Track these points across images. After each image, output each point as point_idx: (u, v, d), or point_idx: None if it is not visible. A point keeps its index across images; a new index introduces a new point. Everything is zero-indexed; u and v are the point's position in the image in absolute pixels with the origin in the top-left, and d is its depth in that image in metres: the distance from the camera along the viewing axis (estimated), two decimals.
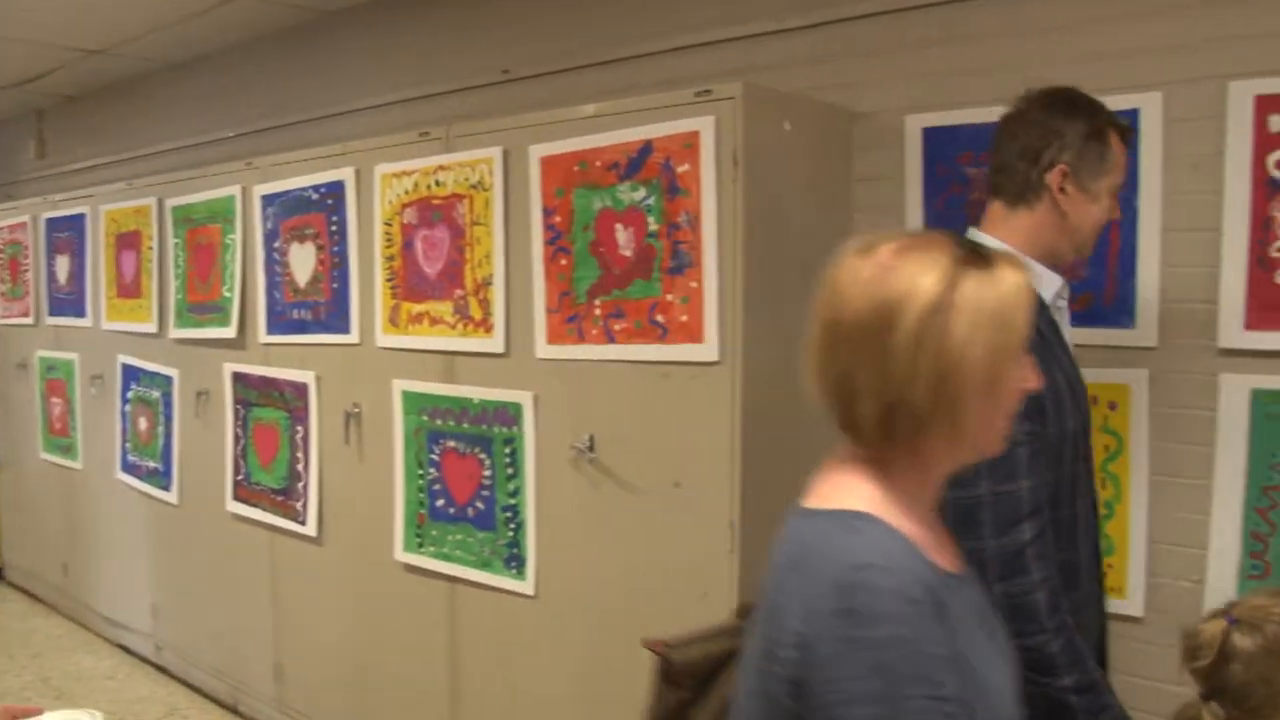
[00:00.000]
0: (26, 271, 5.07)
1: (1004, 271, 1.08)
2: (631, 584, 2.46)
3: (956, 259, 1.06)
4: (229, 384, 3.67)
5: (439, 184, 2.83)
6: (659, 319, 2.34)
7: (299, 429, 3.37)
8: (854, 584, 0.99)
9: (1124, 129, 1.76)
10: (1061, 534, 1.62)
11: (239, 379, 3.63)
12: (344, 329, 3.17)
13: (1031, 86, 1.77)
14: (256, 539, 3.61)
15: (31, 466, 5.16)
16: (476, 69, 3.51)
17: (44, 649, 4.65)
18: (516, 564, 2.70)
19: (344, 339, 3.18)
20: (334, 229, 3.18)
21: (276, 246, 3.42)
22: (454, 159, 2.79)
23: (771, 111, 2.34)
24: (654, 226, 2.34)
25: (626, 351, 2.41)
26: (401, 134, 3.04)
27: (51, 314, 4.88)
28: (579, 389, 2.53)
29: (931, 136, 2.48)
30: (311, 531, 3.35)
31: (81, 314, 4.59)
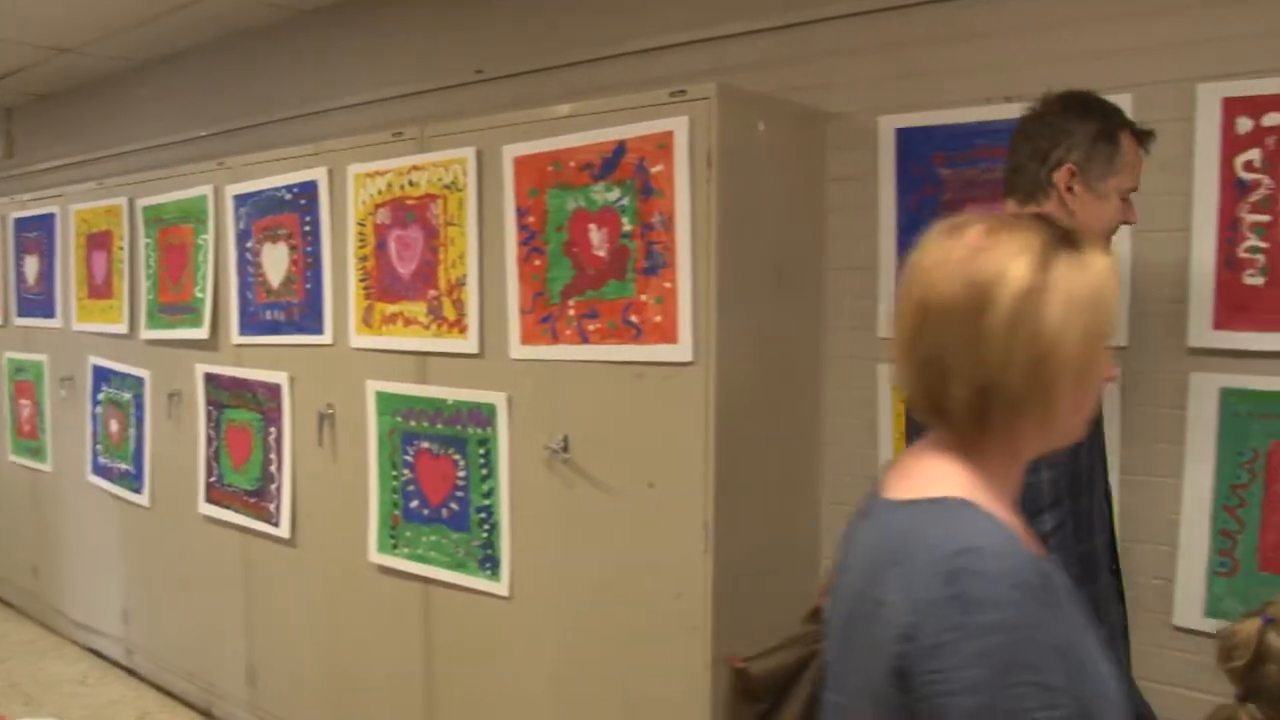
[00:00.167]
0: None
1: (1093, 254, 1.07)
2: (606, 584, 2.45)
3: (1047, 241, 1.05)
4: (201, 385, 3.64)
5: (412, 184, 2.82)
6: (633, 319, 2.34)
7: (272, 430, 3.35)
8: (959, 570, 0.97)
9: (1142, 133, 1.77)
10: (1080, 525, 1.64)
11: (211, 380, 3.60)
12: (317, 330, 3.16)
13: (1051, 90, 1.80)
14: (229, 541, 3.58)
15: None
16: (450, 69, 3.50)
17: (13, 654, 4.59)
18: (491, 565, 2.69)
19: (317, 340, 3.16)
20: (307, 229, 3.16)
21: (249, 247, 3.39)
22: (427, 159, 2.78)
23: (745, 112, 2.34)
24: (628, 227, 2.33)
25: (600, 352, 2.41)
26: (375, 134, 3.03)
27: (20, 315, 4.83)
28: (553, 390, 2.53)
29: (905, 137, 2.49)
30: (285, 533, 3.32)
31: (51, 315, 4.54)
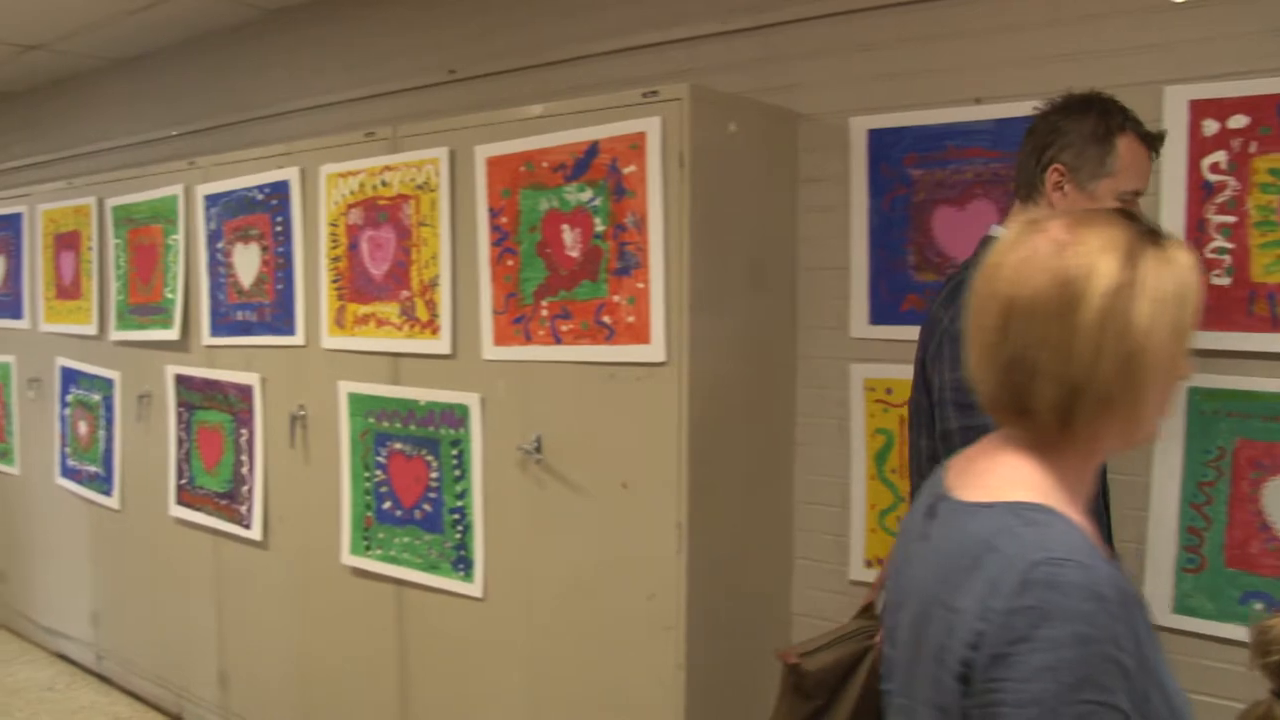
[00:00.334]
0: None
1: (1177, 250, 1.05)
2: (579, 585, 2.45)
3: (1133, 237, 1.03)
4: (172, 386, 3.61)
5: (385, 184, 2.81)
6: (606, 320, 2.34)
7: (243, 432, 3.33)
8: (1037, 580, 0.94)
9: (1149, 136, 1.74)
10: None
11: (182, 381, 3.57)
12: (289, 330, 3.14)
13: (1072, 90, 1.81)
14: (200, 544, 3.56)
15: None
16: (422, 69, 3.48)
17: None
18: (464, 566, 2.69)
19: (289, 341, 3.14)
20: (278, 230, 3.14)
21: (220, 247, 3.37)
22: (400, 159, 2.77)
23: (718, 113, 2.35)
24: (600, 227, 2.33)
25: (573, 353, 2.41)
26: (347, 134, 3.01)
27: None
28: (526, 390, 2.53)
29: (876, 138, 2.51)
30: (257, 536, 3.30)
31: (18, 316, 4.48)
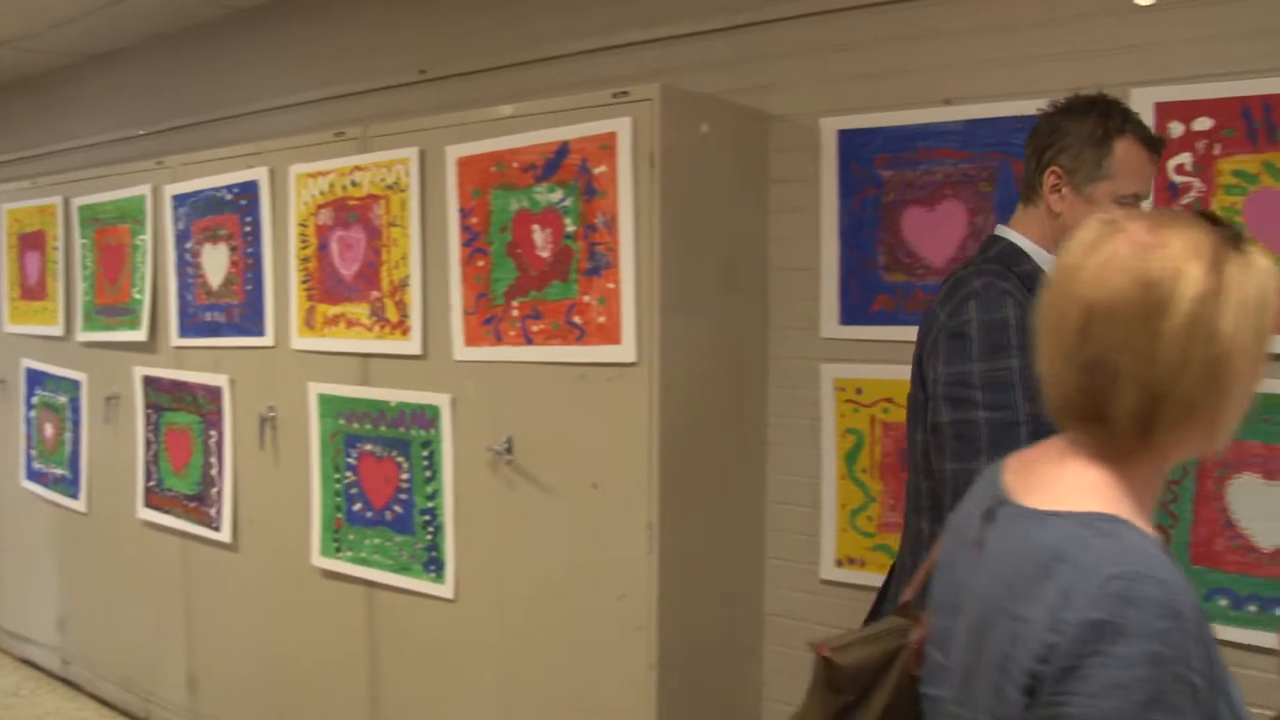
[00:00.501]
0: None
1: (1256, 253, 1.02)
2: (550, 586, 2.45)
3: (1217, 240, 1.00)
4: (139, 388, 3.57)
5: (355, 185, 2.79)
6: (576, 320, 2.34)
7: (212, 433, 3.30)
8: (1113, 595, 0.91)
9: (1150, 139, 1.73)
10: None
11: (150, 383, 3.54)
12: (258, 331, 3.11)
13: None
14: (169, 547, 3.52)
15: None
16: (393, 69, 3.47)
17: None
18: (435, 567, 2.68)
19: (258, 341, 3.12)
20: (248, 230, 3.12)
21: (188, 247, 3.34)
22: (370, 159, 2.75)
23: (688, 113, 2.35)
24: (571, 228, 2.33)
25: (544, 353, 2.41)
26: (316, 134, 3.00)
27: None
28: (497, 391, 2.52)
29: (846, 139, 2.52)
30: (226, 538, 3.27)
31: None
